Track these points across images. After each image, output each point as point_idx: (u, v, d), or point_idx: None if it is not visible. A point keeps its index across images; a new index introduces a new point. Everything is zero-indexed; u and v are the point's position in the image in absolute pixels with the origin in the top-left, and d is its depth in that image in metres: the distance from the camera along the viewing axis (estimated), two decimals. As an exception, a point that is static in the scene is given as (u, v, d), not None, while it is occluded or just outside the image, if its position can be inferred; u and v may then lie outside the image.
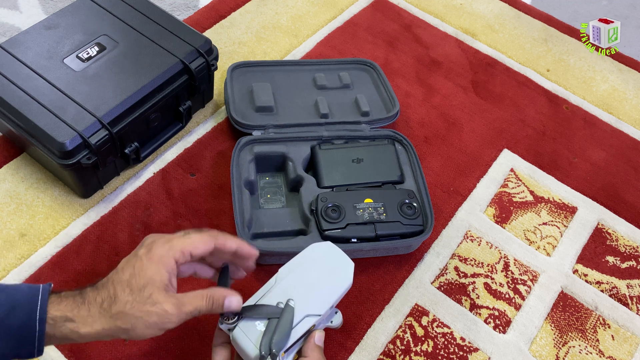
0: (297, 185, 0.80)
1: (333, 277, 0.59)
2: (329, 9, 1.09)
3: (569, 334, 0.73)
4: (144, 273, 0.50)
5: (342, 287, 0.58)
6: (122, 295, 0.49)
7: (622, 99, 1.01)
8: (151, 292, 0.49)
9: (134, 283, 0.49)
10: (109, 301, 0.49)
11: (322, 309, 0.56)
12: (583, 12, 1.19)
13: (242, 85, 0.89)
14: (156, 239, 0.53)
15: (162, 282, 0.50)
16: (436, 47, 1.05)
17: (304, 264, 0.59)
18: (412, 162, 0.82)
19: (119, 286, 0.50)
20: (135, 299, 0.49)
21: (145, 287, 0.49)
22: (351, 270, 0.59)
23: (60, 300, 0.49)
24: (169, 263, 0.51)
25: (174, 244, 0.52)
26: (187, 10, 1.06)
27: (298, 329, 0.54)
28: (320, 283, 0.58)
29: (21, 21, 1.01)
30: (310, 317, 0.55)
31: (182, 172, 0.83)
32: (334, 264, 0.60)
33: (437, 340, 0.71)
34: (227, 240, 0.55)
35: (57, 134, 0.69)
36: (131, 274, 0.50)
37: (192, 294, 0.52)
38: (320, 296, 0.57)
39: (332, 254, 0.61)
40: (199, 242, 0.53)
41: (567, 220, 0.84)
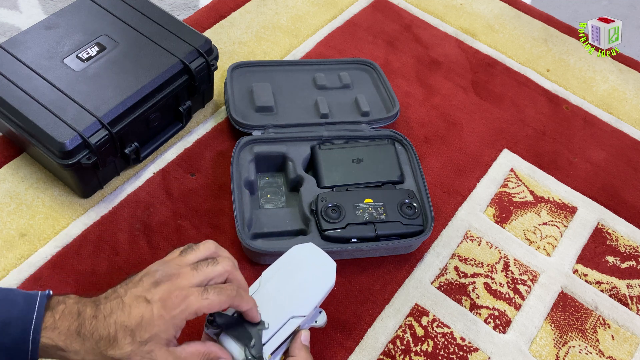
0: (297, 185, 0.80)
1: (316, 278, 0.59)
2: (329, 9, 1.09)
3: (569, 334, 0.73)
4: (152, 328, 0.48)
5: (325, 287, 0.59)
6: (122, 342, 0.47)
7: (622, 99, 1.01)
8: (152, 349, 0.48)
9: (137, 334, 0.48)
10: (106, 342, 0.48)
11: (306, 310, 0.56)
12: (583, 12, 1.19)
13: (242, 85, 0.89)
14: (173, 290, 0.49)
15: (167, 339, 0.49)
16: (436, 47, 1.05)
17: (287, 266, 0.59)
18: (412, 162, 0.82)
19: (121, 331, 0.48)
20: (134, 351, 0.47)
21: (148, 342, 0.48)
22: (333, 271, 0.60)
23: (54, 326, 0.48)
24: (180, 323, 0.49)
25: (190, 303, 0.49)
26: (187, 10, 1.06)
27: (284, 331, 0.55)
28: (303, 284, 0.58)
29: (21, 21, 1.01)
30: (295, 318, 0.55)
31: (182, 172, 0.83)
32: (316, 265, 0.60)
33: (437, 340, 0.71)
34: (242, 303, 0.52)
35: (57, 134, 0.69)
36: (138, 324, 0.48)
37: (189, 351, 0.50)
38: (304, 297, 0.57)
39: (315, 255, 0.61)
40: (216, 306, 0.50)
41: (567, 220, 0.84)
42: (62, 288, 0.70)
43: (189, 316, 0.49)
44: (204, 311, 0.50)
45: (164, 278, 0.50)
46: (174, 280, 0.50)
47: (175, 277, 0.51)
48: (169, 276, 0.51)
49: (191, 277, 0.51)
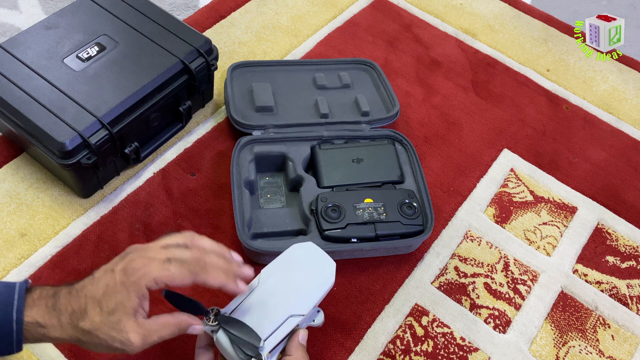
0: (297, 185, 0.80)
1: (315, 277, 0.59)
2: (329, 9, 1.09)
3: (569, 333, 0.73)
4: (115, 296, 0.49)
5: (324, 287, 0.59)
6: (91, 313, 0.49)
7: (622, 99, 1.01)
8: (120, 318, 0.49)
9: (104, 303, 0.49)
10: (78, 314, 0.49)
11: (305, 309, 0.56)
12: (583, 12, 1.19)
13: (242, 85, 0.89)
14: (136, 258, 0.51)
15: (132, 307, 0.50)
16: (436, 47, 1.05)
17: (286, 265, 0.59)
18: (412, 162, 0.82)
19: (90, 301, 0.49)
20: (103, 322, 0.49)
21: (114, 312, 0.49)
22: (333, 270, 0.60)
23: (33, 304, 0.50)
24: (141, 290, 0.50)
25: (149, 271, 0.50)
26: (187, 10, 1.06)
27: (282, 329, 0.55)
28: (302, 283, 0.58)
29: (21, 21, 1.01)
30: (293, 317, 0.56)
31: (182, 172, 0.83)
32: (316, 264, 0.60)
33: (437, 340, 0.71)
34: (209, 278, 0.52)
35: (57, 134, 0.69)
36: (104, 292, 0.50)
37: (159, 322, 0.51)
38: (303, 296, 0.57)
39: (314, 254, 0.61)
40: (177, 278, 0.51)
41: (567, 220, 0.84)
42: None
43: (148, 283, 0.50)
44: (165, 281, 0.51)
45: (132, 250, 0.53)
46: (140, 251, 0.52)
47: (143, 250, 0.53)
48: (136, 249, 0.53)
49: (157, 252, 0.52)
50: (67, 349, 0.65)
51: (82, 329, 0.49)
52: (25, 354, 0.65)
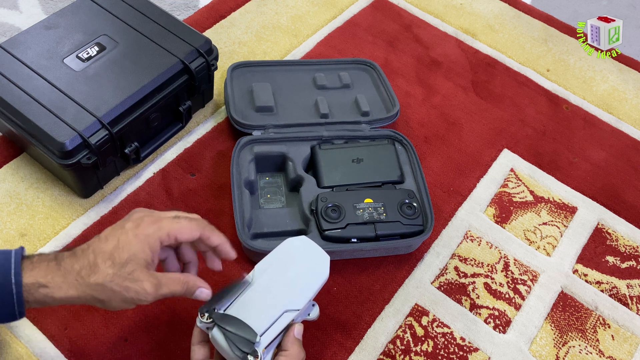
0: (297, 185, 0.80)
1: (310, 271, 0.59)
2: (329, 8, 1.09)
3: (569, 334, 0.73)
4: (128, 248, 0.50)
5: (319, 280, 0.59)
6: (103, 267, 0.49)
7: (622, 99, 1.01)
8: (133, 269, 0.50)
9: (116, 256, 0.49)
10: (87, 270, 0.49)
11: (300, 304, 0.56)
12: (583, 12, 1.19)
13: (242, 85, 0.89)
14: (145, 215, 0.53)
15: (145, 260, 0.51)
16: (436, 47, 1.05)
17: (280, 260, 0.59)
18: (412, 162, 0.82)
19: (100, 256, 0.50)
20: (116, 273, 0.49)
21: (128, 263, 0.50)
22: (327, 264, 0.60)
23: (32, 266, 0.49)
24: (154, 243, 0.51)
25: (162, 225, 0.52)
26: (187, 10, 1.06)
27: (277, 324, 0.55)
28: (297, 278, 0.58)
29: (21, 21, 1.01)
30: (289, 312, 0.56)
31: (182, 172, 0.83)
32: (310, 258, 0.60)
33: (437, 340, 0.71)
34: (213, 235, 0.56)
35: (57, 134, 0.69)
36: (115, 246, 0.50)
37: (170, 277, 0.53)
38: (298, 291, 0.57)
39: (308, 248, 0.61)
40: (187, 229, 0.53)
41: (567, 220, 0.84)
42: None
43: (162, 237, 0.51)
44: (176, 234, 0.52)
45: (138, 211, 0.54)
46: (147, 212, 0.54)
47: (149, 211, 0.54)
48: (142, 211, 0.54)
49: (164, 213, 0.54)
50: (67, 349, 0.66)
51: (94, 283, 0.49)
52: (25, 353, 0.65)
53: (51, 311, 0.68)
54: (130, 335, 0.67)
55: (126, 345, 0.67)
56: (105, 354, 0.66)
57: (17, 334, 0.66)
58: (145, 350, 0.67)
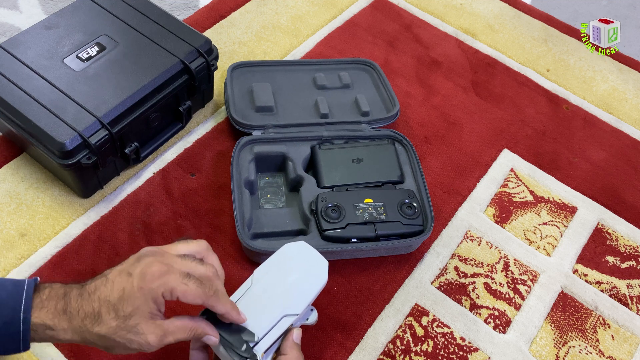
0: (297, 185, 0.80)
1: (308, 276, 0.59)
2: (329, 8, 1.09)
3: (569, 334, 0.73)
4: (132, 301, 0.49)
5: (317, 285, 0.59)
6: (106, 318, 0.49)
7: (622, 99, 1.01)
8: (137, 322, 0.49)
9: (120, 308, 0.49)
10: (92, 319, 0.49)
11: (299, 309, 0.56)
12: (583, 12, 1.19)
13: (242, 85, 0.89)
14: (153, 263, 0.51)
15: (150, 312, 0.50)
16: (436, 47, 1.05)
17: (279, 265, 0.59)
18: (412, 162, 0.82)
19: (104, 306, 0.49)
20: (119, 326, 0.49)
21: (132, 316, 0.49)
22: (326, 269, 0.60)
23: (42, 305, 0.49)
24: (158, 298, 0.50)
25: (168, 281, 0.50)
26: (187, 10, 1.06)
27: (276, 329, 0.55)
28: (296, 283, 0.58)
29: (21, 21, 1.01)
30: (288, 317, 0.56)
31: (182, 172, 0.83)
32: (308, 263, 0.60)
33: (437, 340, 0.71)
34: (218, 305, 0.53)
35: (57, 134, 0.69)
36: (119, 297, 0.49)
37: (177, 325, 0.52)
38: (296, 296, 0.57)
39: (307, 254, 0.61)
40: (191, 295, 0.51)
41: (567, 220, 0.84)
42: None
43: (165, 292, 0.50)
44: (179, 295, 0.50)
45: (149, 254, 0.52)
46: (157, 256, 0.51)
47: (160, 255, 0.52)
48: (153, 253, 0.52)
49: (175, 261, 0.52)
50: (67, 349, 0.65)
51: (98, 334, 0.49)
52: (25, 353, 0.65)
53: (51, 311, 0.68)
54: (130, 335, 0.67)
55: (126, 345, 0.67)
56: (106, 354, 0.66)
57: (17, 334, 0.66)
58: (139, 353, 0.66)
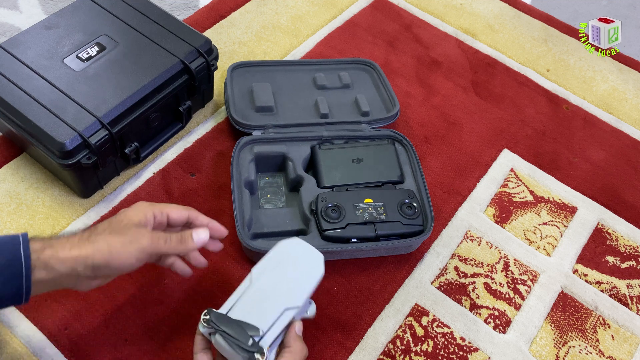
0: (297, 185, 0.80)
1: (305, 269, 0.61)
2: (329, 9, 1.09)
3: (569, 334, 0.73)
4: (124, 215, 0.57)
5: (315, 278, 0.60)
6: (100, 228, 0.55)
7: (622, 99, 1.01)
8: (127, 224, 0.55)
9: (113, 221, 0.56)
10: (88, 233, 0.54)
11: (300, 301, 0.58)
12: (583, 12, 1.19)
13: (242, 85, 0.89)
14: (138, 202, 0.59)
15: (140, 221, 0.56)
16: (436, 47, 1.05)
17: (276, 261, 0.60)
18: (412, 162, 0.82)
19: (99, 225, 0.56)
20: (113, 228, 0.55)
21: (122, 221, 0.56)
22: (321, 262, 0.61)
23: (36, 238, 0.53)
24: (148, 213, 0.57)
25: (154, 204, 0.59)
26: (187, 10, 1.06)
27: (279, 323, 0.56)
28: (294, 277, 0.60)
29: (21, 21, 1.01)
30: (289, 310, 0.57)
31: (182, 172, 0.83)
32: (304, 257, 0.62)
33: (437, 340, 0.71)
34: (200, 216, 0.62)
35: (57, 134, 0.69)
36: (111, 219, 0.56)
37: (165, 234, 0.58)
38: (296, 289, 0.59)
39: (301, 248, 0.62)
40: (177, 208, 0.60)
41: (567, 220, 0.84)
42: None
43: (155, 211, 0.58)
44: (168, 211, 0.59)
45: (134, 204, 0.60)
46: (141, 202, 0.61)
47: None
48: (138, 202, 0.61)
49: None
50: (67, 349, 0.66)
51: (95, 237, 0.53)
52: (25, 353, 0.65)
53: (51, 311, 0.68)
54: (130, 335, 0.67)
55: (126, 345, 0.67)
56: (105, 354, 0.66)
57: (17, 334, 0.66)
58: (145, 350, 0.67)
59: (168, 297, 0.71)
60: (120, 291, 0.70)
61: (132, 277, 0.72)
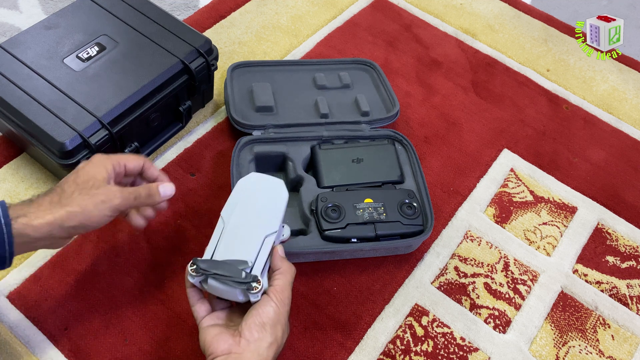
0: (297, 185, 0.80)
1: (271, 197, 0.64)
2: (329, 8, 1.09)
3: (569, 334, 0.73)
4: (86, 172, 0.58)
5: (282, 201, 0.63)
6: (68, 189, 0.57)
7: (622, 99, 1.01)
8: (94, 183, 0.58)
9: (79, 180, 0.58)
10: (58, 196, 0.56)
11: (275, 226, 0.61)
12: (583, 12, 1.19)
13: (242, 85, 0.89)
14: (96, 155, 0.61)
15: (104, 178, 0.58)
16: (436, 47, 1.05)
17: (240, 199, 0.63)
18: (412, 162, 0.82)
19: (65, 185, 0.57)
20: (81, 189, 0.57)
21: (89, 181, 0.58)
22: (283, 186, 0.65)
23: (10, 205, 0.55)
24: (108, 167, 0.60)
25: (110, 155, 0.62)
26: (187, 10, 1.06)
27: (263, 250, 0.59)
28: (263, 206, 0.62)
29: (21, 21, 1.01)
30: (269, 236, 0.60)
31: (182, 172, 0.83)
32: (266, 187, 0.65)
33: (437, 340, 0.71)
34: (152, 166, 0.66)
35: (57, 133, 0.69)
36: (75, 176, 0.58)
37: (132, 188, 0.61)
38: (269, 216, 0.62)
39: (261, 180, 0.65)
40: (132, 158, 0.63)
41: (567, 220, 0.84)
42: (62, 288, 0.70)
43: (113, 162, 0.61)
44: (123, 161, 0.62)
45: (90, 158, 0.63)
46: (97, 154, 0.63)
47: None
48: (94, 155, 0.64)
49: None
50: (67, 349, 0.66)
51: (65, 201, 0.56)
52: (25, 353, 0.65)
53: (51, 311, 0.68)
54: (130, 335, 0.67)
55: (126, 345, 0.67)
56: (105, 354, 0.66)
57: (17, 334, 0.66)
58: (145, 350, 0.67)
59: (168, 297, 0.71)
60: (120, 291, 0.71)
61: (132, 277, 0.72)
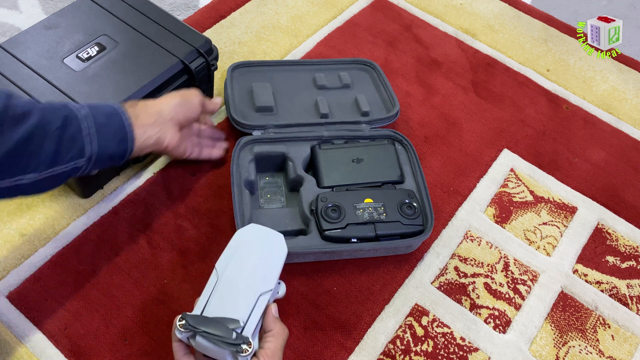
0: (297, 185, 0.80)
1: (269, 252, 0.61)
2: (329, 9, 1.09)
3: (569, 334, 0.73)
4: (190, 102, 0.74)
5: (280, 258, 0.60)
6: (167, 114, 0.70)
7: (622, 99, 1.01)
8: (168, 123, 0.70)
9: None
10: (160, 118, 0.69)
11: (271, 284, 0.58)
12: (583, 12, 1.19)
13: (242, 85, 0.89)
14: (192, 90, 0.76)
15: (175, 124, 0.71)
16: (436, 47, 1.05)
17: (237, 251, 0.60)
18: (412, 162, 0.82)
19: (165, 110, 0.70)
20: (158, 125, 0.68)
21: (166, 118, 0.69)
22: (283, 241, 0.62)
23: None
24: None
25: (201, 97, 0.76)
26: (187, 10, 1.06)
27: (257, 309, 0.56)
28: (259, 261, 0.59)
29: (21, 21, 1.01)
30: (263, 295, 0.56)
31: (182, 172, 0.83)
32: (265, 240, 0.62)
33: (437, 340, 0.71)
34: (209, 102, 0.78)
35: (57, 134, 0.68)
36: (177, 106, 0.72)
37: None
38: (265, 273, 0.59)
39: (260, 233, 0.62)
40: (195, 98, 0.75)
41: (567, 220, 0.84)
42: (61, 288, 0.70)
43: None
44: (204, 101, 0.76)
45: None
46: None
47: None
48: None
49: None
50: (67, 349, 0.66)
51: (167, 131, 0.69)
52: (25, 353, 0.65)
53: (51, 311, 0.68)
54: (130, 335, 0.67)
55: (126, 345, 0.67)
56: (105, 354, 0.66)
57: (17, 334, 0.66)
58: (145, 350, 0.67)
59: (168, 297, 0.71)
60: (120, 291, 0.71)
61: (132, 277, 0.72)
